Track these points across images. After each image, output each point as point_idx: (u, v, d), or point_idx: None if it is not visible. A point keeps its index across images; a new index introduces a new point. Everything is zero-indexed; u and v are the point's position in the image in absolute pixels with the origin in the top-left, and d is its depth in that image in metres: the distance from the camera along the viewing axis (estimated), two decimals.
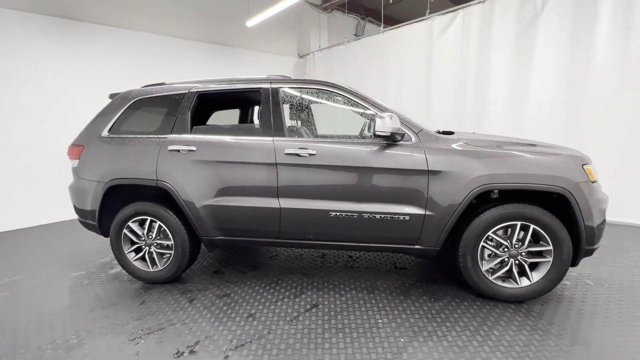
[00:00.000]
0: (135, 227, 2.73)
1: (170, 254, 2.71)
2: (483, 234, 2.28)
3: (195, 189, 2.55)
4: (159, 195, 2.79)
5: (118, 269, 3.13)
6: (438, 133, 2.51)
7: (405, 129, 2.38)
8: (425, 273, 2.88)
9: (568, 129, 4.22)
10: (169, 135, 2.65)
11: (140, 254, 2.77)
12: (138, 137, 2.71)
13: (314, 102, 2.67)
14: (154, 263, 2.76)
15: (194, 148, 2.55)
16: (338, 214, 2.40)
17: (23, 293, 2.74)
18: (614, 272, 2.80)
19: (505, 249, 2.31)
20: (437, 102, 5.59)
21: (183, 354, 1.90)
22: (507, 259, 2.31)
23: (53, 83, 4.78)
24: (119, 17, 5.31)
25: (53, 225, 4.78)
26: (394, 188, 2.33)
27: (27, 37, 4.55)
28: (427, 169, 2.27)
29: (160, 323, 2.23)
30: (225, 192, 2.53)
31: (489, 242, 2.33)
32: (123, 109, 2.82)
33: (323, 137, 2.51)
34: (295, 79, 2.64)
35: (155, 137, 2.67)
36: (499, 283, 2.34)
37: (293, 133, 2.66)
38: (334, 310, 2.31)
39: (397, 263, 3.11)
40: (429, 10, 5.59)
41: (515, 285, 2.32)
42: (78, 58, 4.96)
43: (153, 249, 2.74)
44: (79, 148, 2.82)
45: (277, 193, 2.47)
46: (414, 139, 2.36)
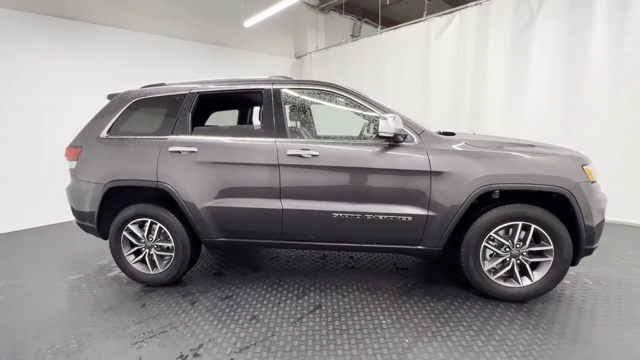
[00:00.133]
0: (135, 229, 2.70)
1: (171, 256, 2.68)
2: (485, 234, 2.29)
3: (197, 191, 2.52)
4: (159, 197, 2.76)
5: (117, 272, 3.09)
6: (439, 134, 2.52)
7: (408, 130, 2.39)
8: (427, 273, 2.90)
9: (564, 130, 4.28)
10: (170, 136, 2.62)
11: (140, 257, 2.74)
12: (138, 138, 2.68)
13: (316, 103, 2.66)
14: (154, 265, 2.73)
15: (195, 149, 2.53)
16: (341, 215, 2.40)
17: (20, 297, 2.69)
18: (612, 270, 2.85)
19: (507, 249, 2.33)
20: (434, 103, 5.62)
21: (187, 358, 1.88)
22: (508, 259, 2.34)
23: (49, 83, 4.70)
24: (116, 16, 5.25)
25: (48, 228, 4.70)
26: (397, 189, 2.33)
27: (23, 36, 4.47)
28: (429, 170, 2.28)
29: (163, 326, 2.20)
30: (227, 193, 2.51)
31: (491, 242, 2.34)
32: (122, 110, 2.78)
33: (325, 138, 2.51)
34: (297, 80, 2.64)
35: (156, 138, 2.64)
36: (501, 283, 2.36)
37: (295, 134, 2.66)
38: (338, 312, 2.31)
39: (398, 264, 3.12)
40: (426, 12, 5.62)
41: (517, 285, 2.34)
42: (74, 58, 4.89)
43: (153, 251, 2.71)
44: (77, 149, 2.78)
45: (279, 194, 2.46)
46: (417, 140, 2.37)
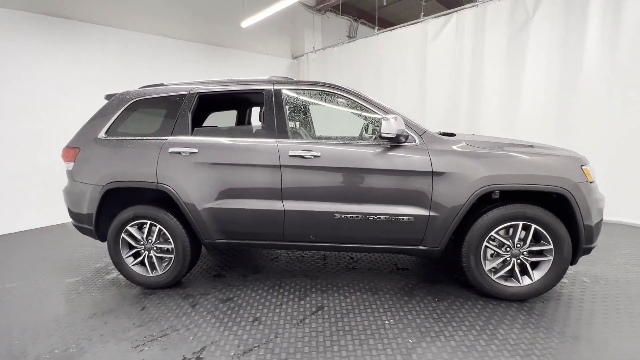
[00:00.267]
0: (134, 231, 2.67)
1: (171, 258, 2.65)
2: (486, 234, 2.31)
3: (197, 192, 2.50)
4: (158, 198, 2.73)
5: (115, 274, 3.05)
6: (440, 134, 2.54)
7: (409, 131, 2.39)
8: (427, 273, 2.91)
9: (559, 131, 4.33)
10: (170, 137, 2.60)
11: (139, 259, 2.71)
12: (137, 139, 2.65)
13: (317, 103, 2.66)
14: (154, 268, 2.70)
15: (196, 150, 2.51)
16: (343, 216, 2.40)
17: (16, 300, 2.64)
18: (608, 269, 2.89)
19: (508, 249, 2.35)
20: (431, 103, 5.66)
21: None
22: (509, 259, 2.35)
23: (46, 83, 4.63)
24: (113, 16, 5.19)
25: (44, 230, 4.62)
26: (399, 189, 2.34)
27: (19, 36, 4.40)
28: (431, 171, 2.29)
29: (164, 329, 2.18)
30: (228, 194, 2.50)
31: (492, 242, 2.36)
32: (120, 111, 2.75)
33: (327, 138, 2.51)
34: (298, 81, 2.64)
35: (155, 139, 2.62)
36: (502, 282, 2.38)
37: (296, 135, 2.65)
38: (340, 312, 2.31)
39: (398, 264, 3.12)
40: (423, 13, 5.65)
41: (517, 284, 2.36)
42: (71, 58, 4.82)
43: (153, 253, 2.68)
44: (75, 150, 2.74)
45: (281, 195, 2.45)
46: (418, 141, 2.38)
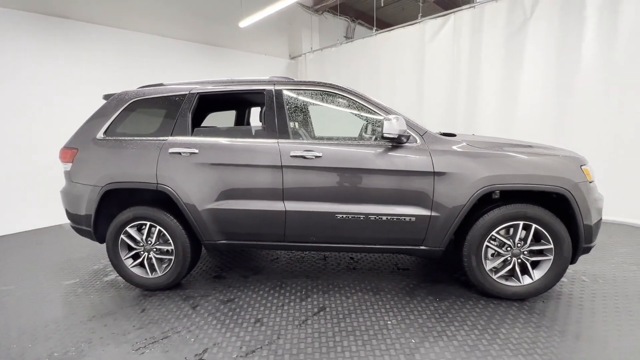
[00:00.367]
0: (133, 232, 2.64)
1: (171, 260, 2.63)
2: (487, 234, 2.32)
3: (198, 193, 2.49)
4: (158, 199, 2.71)
5: (113, 276, 3.02)
6: (441, 135, 2.54)
7: (411, 131, 2.40)
8: (428, 273, 2.91)
9: (557, 131, 4.37)
10: (169, 138, 2.58)
11: (139, 260, 2.68)
12: (136, 139, 2.62)
13: (318, 104, 2.65)
14: (154, 269, 2.67)
15: (196, 150, 2.49)
16: (344, 216, 2.39)
17: (13, 303, 2.60)
18: (606, 268, 2.91)
19: (508, 248, 2.36)
20: (429, 104, 5.68)
21: None
22: (509, 258, 2.37)
23: (43, 82, 4.57)
24: (110, 15, 5.14)
25: (39, 231, 4.56)
26: (401, 190, 2.34)
27: (15, 35, 4.34)
28: (432, 171, 2.30)
29: (165, 331, 2.16)
30: (229, 195, 2.48)
31: (493, 241, 2.37)
32: (119, 111, 2.72)
33: (328, 139, 2.50)
34: (299, 81, 2.63)
35: (155, 139, 2.59)
36: (502, 282, 2.39)
37: (297, 135, 2.64)
38: (342, 313, 2.30)
39: (399, 264, 3.13)
40: (421, 14, 5.68)
41: (518, 284, 2.37)
42: (67, 57, 4.76)
43: (152, 255, 2.65)
44: (72, 151, 2.71)
45: (282, 196, 2.44)
46: (419, 141, 2.39)
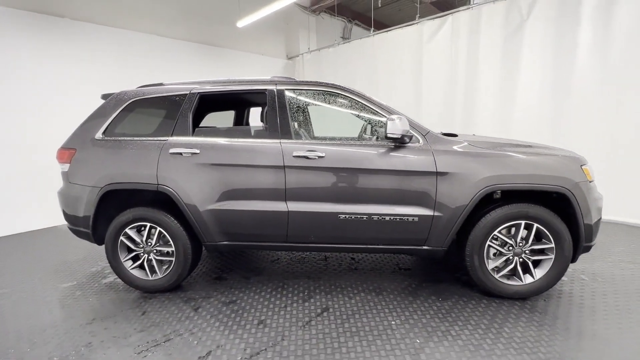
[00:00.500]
0: (133, 233, 2.61)
1: (171, 261, 2.60)
2: (489, 234, 2.33)
3: (199, 193, 2.46)
4: (157, 200, 2.68)
5: (112, 278, 2.97)
6: (442, 135, 2.55)
7: (413, 131, 2.40)
8: (430, 273, 2.92)
9: (554, 131, 4.42)
10: (170, 138, 2.55)
11: (139, 262, 2.65)
12: (135, 139, 2.59)
13: (320, 104, 2.65)
14: (154, 271, 2.64)
15: (198, 151, 2.47)
16: (347, 217, 2.39)
17: (9, 307, 2.54)
18: (605, 266, 2.95)
19: (510, 248, 2.37)
20: (426, 105, 5.71)
21: None
22: (511, 257, 2.38)
23: (40, 82, 4.49)
24: (106, 14, 5.08)
25: (34, 233, 4.48)
26: (403, 190, 2.34)
27: (12, 34, 4.26)
28: (435, 171, 2.30)
29: (167, 334, 2.13)
30: (231, 195, 2.46)
31: (494, 241, 2.39)
32: (118, 111, 2.68)
33: (331, 139, 2.50)
34: (301, 81, 2.62)
35: (155, 139, 2.56)
36: (504, 281, 2.41)
37: (299, 135, 2.63)
38: (346, 314, 2.30)
39: (400, 264, 3.13)
40: (419, 15, 5.70)
41: (520, 283, 2.39)
42: (64, 57, 4.68)
43: (152, 256, 2.62)
44: (70, 151, 2.66)
45: (284, 196, 2.42)
46: (422, 141, 2.39)
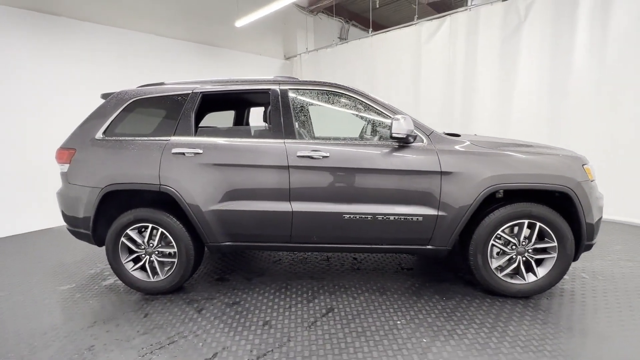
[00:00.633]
0: (134, 234, 2.57)
1: (173, 262, 2.57)
2: (493, 233, 2.35)
3: (202, 193, 2.44)
4: (158, 201, 2.65)
5: (112, 280, 2.93)
6: (446, 135, 2.56)
7: (417, 131, 2.41)
8: (432, 272, 2.93)
9: (551, 131, 4.47)
10: (172, 138, 2.52)
11: (140, 264, 2.61)
12: (137, 139, 2.56)
13: (324, 104, 2.64)
14: (155, 272, 2.61)
15: (200, 151, 2.45)
16: (352, 216, 2.38)
17: (7, 310, 2.49)
18: (604, 265, 2.99)
19: (513, 247, 2.39)
20: (425, 105, 5.73)
21: None
22: (514, 256, 2.40)
23: (36, 82, 4.41)
24: (103, 13, 5.01)
25: (29, 235, 4.40)
26: (408, 189, 2.35)
27: (10, 33, 4.19)
28: (440, 170, 2.31)
29: (171, 336, 2.10)
30: (235, 196, 2.44)
31: (498, 240, 2.40)
32: (119, 110, 2.65)
33: (335, 139, 2.49)
34: (305, 81, 2.61)
35: (157, 139, 2.54)
36: (507, 280, 2.42)
37: (303, 135, 2.62)
38: (351, 314, 2.29)
39: (402, 263, 3.14)
40: (417, 16, 5.73)
41: (523, 281, 2.41)
42: (61, 56, 4.61)
43: (154, 258, 2.59)
44: (70, 151, 2.62)
45: (289, 196, 2.41)
46: (426, 141, 2.40)
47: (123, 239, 2.57)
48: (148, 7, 5.47)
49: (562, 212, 2.37)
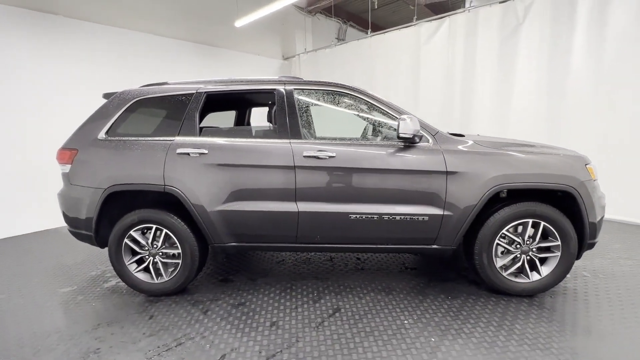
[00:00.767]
0: (138, 236, 2.55)
1: (177, 264, 2.55)
2: (498, 232, 2.36)
3: (207, 194, 2.42)
4: (162, 201, 2.63)
5: (114, 282, 2.90)
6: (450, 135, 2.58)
7: (423, 131, 2.42)
8: (435, 272, 2.94)
9: (550, 131, 4.52)
10: (177, 138, 2.51)
11: (143, 265, 2.59)
12: (141, 139, 2.53)
13: (329, 104, 2.64)
14: (159, 274, 2.59)
15: (206, 151, 2.43)
16: (358, 216, 2.39)
17: (8, 313, 2.45)
18: (604, 263, 3.03)
19: (518, 246, 2.41)
20: (424, 105, 5.76)
21: None
22: (519, 255, 2.42)
23: (34, 81, 4.35)
24: (104, 13, 4.96)
25: (25, 237, 4.33)
26: (414, 189, 2.35)
27: (9, 33, 4.12)
28: (445, 170, 2.32)
29: (177, 338, 2.09)
30: (240, 196, 2.43)
31: (502, 239, 2.42)
32: (122, 110, 2.62)
33: (341, 139, 2.49)
34: (309, 81, 2.61)
35: (161, 139, 2.52)
36: (512, 278, 2.44)
37: (309, 135, 2.62)
38: (358, 314, 2.29)
39: (406, 263, 3.15)
40: (416, 17, 5.76)
41: (527, 280, 2.43)
42: (62, 56, 4.55)
43: (158, 259, 2.57)
44: (72, 152, 2.59)
45: (295, 196, 2.41)
46: (431, 141, 2.41)
47: (126, 240, 2.54)
48: (148, 7, 5.43)
49: (564, 211, 2.40)
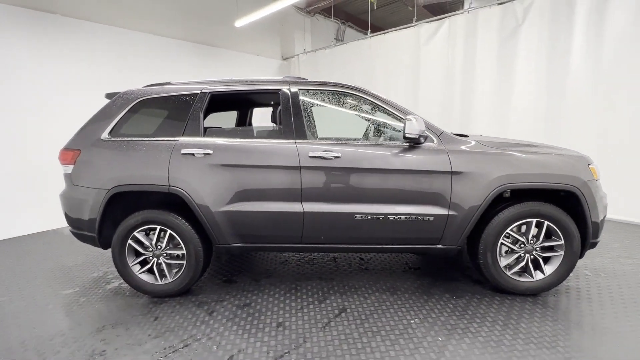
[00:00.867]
0: (142, 237, 2.53)
1: (182, 265, 2.54)
2: (502, 232, 2.38)
3: (212, 194, 2.41)
4: (166, 202, 2.61)
5: (116, 283, 2.88)
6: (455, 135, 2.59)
7: (428, 132, 2.43)
8: (439, 271, 2.96)
9: (549, 132, 4.56)
10: (181, 138, 2.49)
11: (147, 266, 2.57)
12: (145, 140, 2.52)
13: (334, 104, 2.64)
14: (163, 275, 2.57)
15: (211, 151, 2.42)
16: (363, 217, 2.39)
17: (9, 316, 2.42)
18: (605, 262, 3.06)
19: (522, 245, 2.43)
20: (424, 106, 5.78)
21: None
22: (523, 255, 2.44)
23: (33, 81, 4.30)
24: (103, 13, 4.92)
25: (24, 238, 4.28)
26: (419, 189, 2.36)
27: (9, 32, 4.08)
28: (450, 170, 2.33)
29: (184, 339, 2.07)
30: (245, 197, 2.42)
31: (506, 239, 2.43)
32: (125, 110, 2.61)
33: (347, 139, 2.49)
34: (314, 81, 2.61)
35: (165, 140, 2.50)
36: (516, 278, 2.46)
37: (314, 135, 2.62)
38: (364, 314, 2.29)
39: (409, 263, 3.16)
40: (416, 18, 5.79)
41: (531, 279, 2.45)
42: (62, 57, 4.51)
43: (162, 260, 2.55)
44: (75, 152, 2.56)
45: (300, 197, 2.41)
46: (436, 141, 2.42)
47: (130, 242, 2.52)
48: (148, 7, 5.40)
49: (567, 211, 2.42)
